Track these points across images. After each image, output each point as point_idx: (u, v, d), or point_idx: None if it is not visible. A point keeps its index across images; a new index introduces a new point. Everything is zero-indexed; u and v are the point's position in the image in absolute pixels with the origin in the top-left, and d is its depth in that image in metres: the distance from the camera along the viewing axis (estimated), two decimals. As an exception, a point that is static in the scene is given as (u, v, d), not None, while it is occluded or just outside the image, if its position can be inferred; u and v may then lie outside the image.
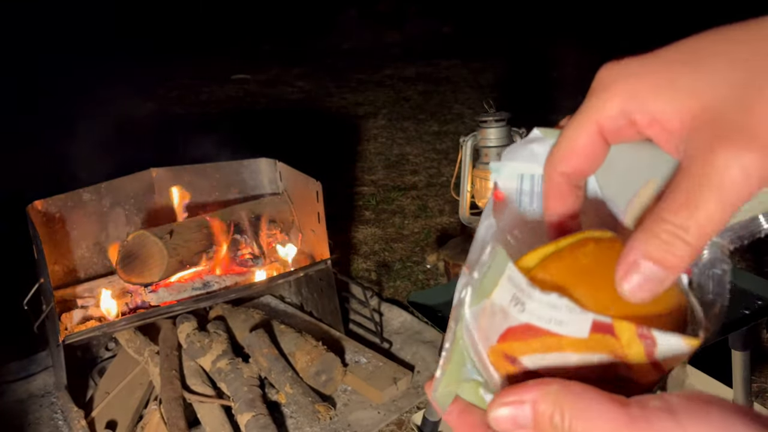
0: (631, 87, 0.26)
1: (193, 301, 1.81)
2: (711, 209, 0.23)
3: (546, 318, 0.31)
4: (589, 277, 0.30)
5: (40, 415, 1.77)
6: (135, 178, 2.10)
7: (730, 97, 0.23)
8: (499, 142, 2.09)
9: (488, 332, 0.33)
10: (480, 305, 0.33)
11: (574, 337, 0.31)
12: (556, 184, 0.30)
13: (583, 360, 0.31)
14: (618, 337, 0.31)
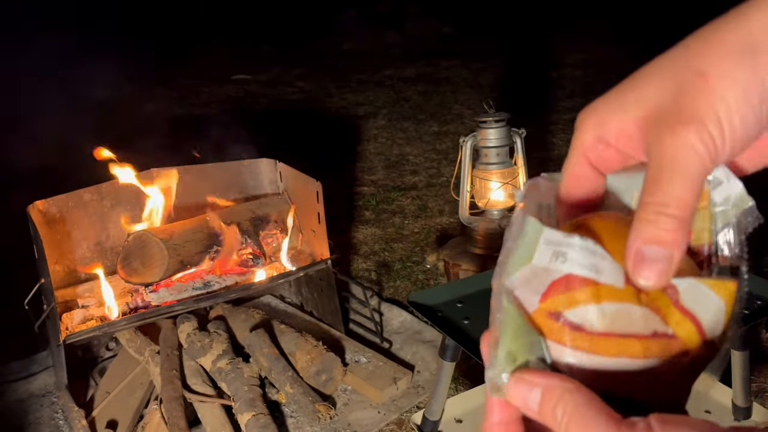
0: (598, 117, 0.33)
1: (194, 301, 1.82)
2: (676, 180, 0.28)
3: (586, 264, 0.33)
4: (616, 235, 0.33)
5: (41, 414, 1.77)
6: (135, 178, 2.10)
7: (666, 100, 0.29)
8: (499, 143, 2.09)
9: (530, 296, 0.34)
10: (520, 272, 0.35)
11: (612, 285, 0.33)
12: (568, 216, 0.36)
13: (622, 312, 0.33)
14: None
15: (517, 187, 2.15)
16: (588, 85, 4.85)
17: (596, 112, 0.33)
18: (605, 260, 0.34)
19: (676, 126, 0.28)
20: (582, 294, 0.33)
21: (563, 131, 3.88)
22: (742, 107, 0.28)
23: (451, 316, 1.17)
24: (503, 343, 0.35)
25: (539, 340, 0.34)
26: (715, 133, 0.28)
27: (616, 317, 0.33)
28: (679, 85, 0.29)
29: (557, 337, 0.34)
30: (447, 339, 1.30)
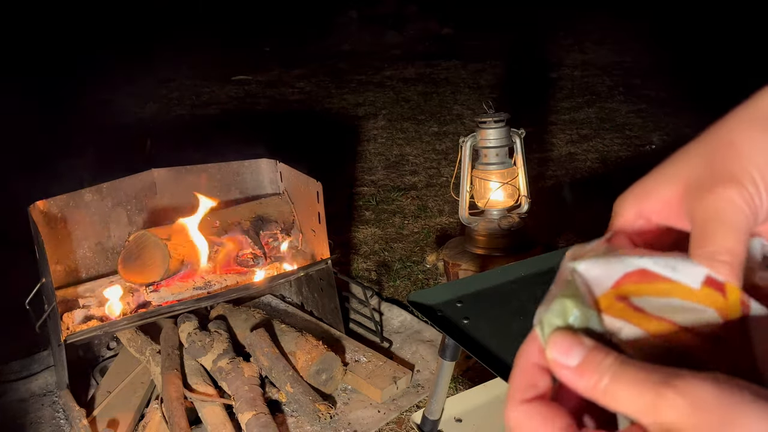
0: (636, 196, 0.36)
1: (194, 301, 1.82)
2: (724, 232, 0.31)
3: (662, 263, 0.34)
4: None
5: (42, 414, 1.77)
6: (136, 178, 2.11)
7: (702, 170, 0.32)
8: (499, 143, 2.10)
9: (602, 279, 0.35)
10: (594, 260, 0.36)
11: (686, 285, 0.34)
12: None
13: (688, 309, 0.33)
14: (726, 297, 0.34)
15: (517, 187, 2.16)
16: (587, 85, 4.86)
17: (634, 193, 0.36)
18: (685, 262, 0.35)
19: (716, 187, 0.31)
20: (652, 288, 0.34)
21: (562, 131, 3.88)
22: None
23: (450, 315, 1.18)
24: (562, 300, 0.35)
25: (594, 315, 0.34)
26: (752, 189, 0.30)
27: (681, 309, 0.33)
28: (712, 156, 0.32)
29: (617, 313, 0.35)
30: (447, 338, 1.31)
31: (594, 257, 0.36)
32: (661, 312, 0.33)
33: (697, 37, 5.62)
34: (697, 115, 3.82)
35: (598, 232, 0.43)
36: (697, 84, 4.43)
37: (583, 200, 2.87)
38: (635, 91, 4.55)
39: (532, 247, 2.18)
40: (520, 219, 2.18)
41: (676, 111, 4.03)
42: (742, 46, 5.18)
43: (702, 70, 4.76)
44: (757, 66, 4.48)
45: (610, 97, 4.55)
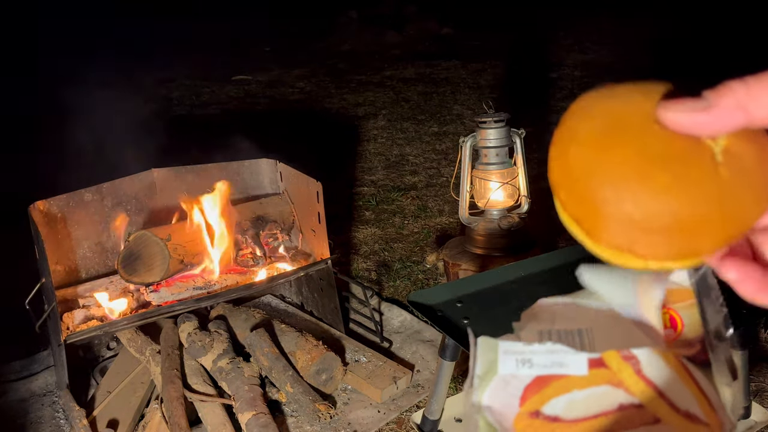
0: None
1: (194, 301, 1.82)
2: None
3: (550, 364, 0.37)
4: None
5: (42, 414, 1.77)
6: (136, 178, 2.11)
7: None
8: (499, 143, 2.10)
9: (510, 400, 0.38)
10: (491, 386, 0.38)
11: (576, 375, 0.38)
12: None
13: (590, 397, 0.37)
14: (609, 366, 0.37)
15: (517, 187, 2.16)
16: (587, 85, 4.85)
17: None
18: (567, 355, 0.38)
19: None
20: (552, 389, 0.37)
21: (563, 132, 3.88)
22: None
23: (450, 315, 1.18)
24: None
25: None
26: None
27: (585, 402, 0.36)
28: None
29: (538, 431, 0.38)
30: (447, 338, 1.31)
31: (486, 380, 0.40)
32: (573, 412, 0.37)
33: (697, 36, 5.61)
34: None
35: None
36: (698, 84, 4.43)
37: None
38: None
39: (532, 247, 2.18)
40: (520, 219, 2.18)
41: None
42: (742, 45, 5.17)
43: (702, 70, 4.76)
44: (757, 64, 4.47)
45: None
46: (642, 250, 0.32)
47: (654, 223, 0.31)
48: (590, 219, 0.33)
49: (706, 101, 0.31)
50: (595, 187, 0.32)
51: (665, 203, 0.31)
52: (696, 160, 0.31)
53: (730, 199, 0.31)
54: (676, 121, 0.31)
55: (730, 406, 0.39)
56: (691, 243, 0.31)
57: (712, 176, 0.31)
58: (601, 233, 0.33)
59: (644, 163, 0.31)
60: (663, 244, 0.31)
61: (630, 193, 0.31)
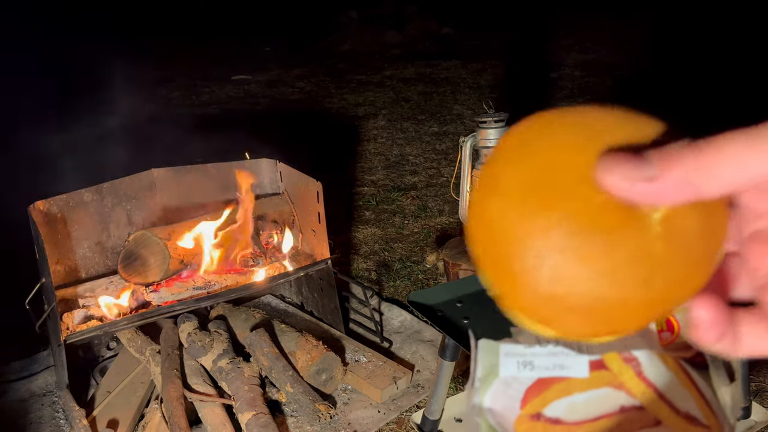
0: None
1: (194, 301, 1.82)
2: None
3: (551, 366, 0.37)
4: None
5: (42, 414, 1.77)
6: (136, 178, 2.10)
7: None
8: (499, 143, 2.10)
9: (511, 402, 0.38)
10: (492, 388, 0.38)
11: (578, 378, 0.39)
12: None
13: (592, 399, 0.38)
14: (610, 368, 0.37)
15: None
16: (587, 85, 4.86)
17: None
18: (568, 356, 0.39)
19: None
20: (553, 392, 0.37)
21: (563, 131, 3.88)
22: None
23: (450, 315, 1.18)
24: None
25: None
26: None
27: (586, 404, 0.37)
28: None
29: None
30: (447, 338, 1.31)
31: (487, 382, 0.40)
32: (574, 414, 0.37)
33: (698, 36, 5.61)
34: (699, 114, 3.81)
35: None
36: (699, 83, 4.43)
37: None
38: (636, 90, 4.55)
39: (532, 247, 2.18)
40: (520, 219, 2.17)
41: (677, 110, 4.02)
42: (742, 43, 5.17)
43: (703, 70, 4.76)
44: (757, 63, 4.48)
45: (611, 97, 4.55)
46: (557, 327, 0.30)
47: (573, 303, 0.28)
48: (505, 284, 0.30)
49: (650, 168, 0.27)
50: (513, 253, 0.29)
51: (587, 284, 0.28)
52: (629, 233, 0.28)
53: (661, 279, 0.28)
54: (614, 187, 0.27)
55: (728, 408, 0.39)
56: (610, 325, 0.29)
57: (645, 253, 0.28)
58: (515, 301, 0.30)
59: (570, 235, 0.28)
60: (580, 323, 0.29)
61: (550, 269, 0.28)
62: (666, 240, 0.28)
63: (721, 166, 0.27)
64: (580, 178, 0.28)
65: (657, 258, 0.28)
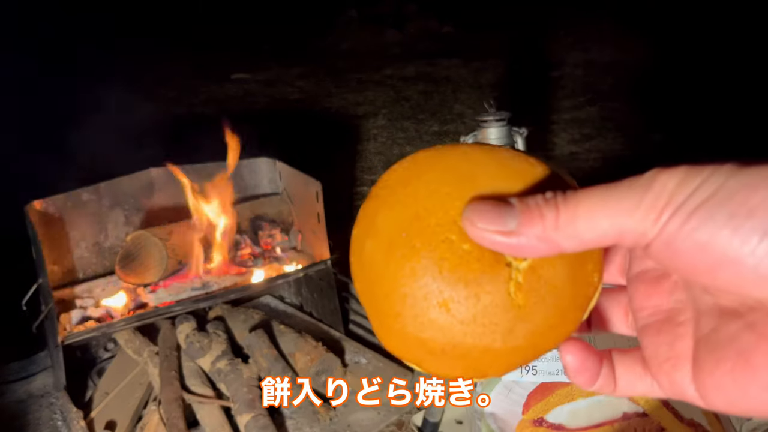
0: None
1: (193, 302, 1.81)
2: None
3: (554, 371, 0.39)
4: None
5: (39, 415, 1.76)
6: (134, 177, 2.09)
7: None
8: (500, 142, 2.09)
9: (512, 407, 0.42)
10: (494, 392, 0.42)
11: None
12: None
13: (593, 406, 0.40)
14: None
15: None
16: (589, 84, 4.84)
17: None
18: None
19: None
20: (556, 397, 0.40)
21: (564, 131, 3.87)
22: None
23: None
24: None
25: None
26: None
27: (588, 410, 0.39)
28: None
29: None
30: (447, 340, 1.29)
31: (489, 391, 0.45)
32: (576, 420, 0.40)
33: (698, 35, 5.60)
34: (699, 113, 3.80)
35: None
36: (699, 83, 4.42)
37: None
38: (638, 89, 4.54)
39: (533, 247, 2.17)
40: (521, 219, 2.16)
41: (678, 109, 4.01)
42: (742, 43, 5.16)
43: (704, 69, 4.75)
44: (758, 63, 4.47)
45: (613, 96, 4.54)
46: (426, 367, 0.30)
47: (437, 348, 0.29)
48: (378, 323, 0.31)
49: (511, 222, 0.28)
50: (384, 296, 0.30)
51: (449, 331, 0.28)
52: (492, 282, 0.28)
53: (523, 328, 0.28)
54: (476, 238, 0.28)
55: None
56: (475, 370, 0.29)
57: (507, 303, 0.28)
58: (387, 340, 0.31)
59: (433, 282, 0.28)
60: (447, 367, 0.29)
61: (414, 315, 0.29)
62: (529, 290, 0.28)
63: (575, 224, 0.28)
64: (449, 226, 0.28)
65: (519, 308, 0.28)
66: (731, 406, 0.28)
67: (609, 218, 0.27)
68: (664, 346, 0.30)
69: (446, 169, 0.30)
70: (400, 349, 0.31)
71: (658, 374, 0.31)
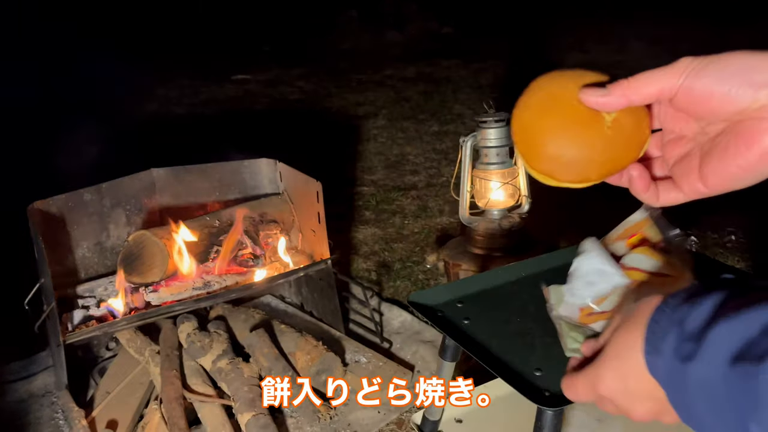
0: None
1: (194, 301, 1.82)
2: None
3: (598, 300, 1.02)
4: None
5: (41, 414, 1.77)
6: (135, 178, 2.10)
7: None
8: (499, 143, 2.09)
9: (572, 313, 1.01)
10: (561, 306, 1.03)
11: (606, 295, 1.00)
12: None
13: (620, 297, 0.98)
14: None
15: (517, 187, 2.15)
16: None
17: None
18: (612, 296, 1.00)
19: None
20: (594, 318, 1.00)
21: (563, 131, 3.87)
22: None
23: (451, 316, 1.17)
24: (566, 337, 0.98)
25: (584, 330, 0.98)
26: None
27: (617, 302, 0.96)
28: None
29: (593, 319, 0.98)
30: (447, 339, 1.30)
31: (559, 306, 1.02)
32: (613, 306, 0.97)
33: (699, 35, 5.60)
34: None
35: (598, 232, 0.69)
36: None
37: (584, 199, 2.86)
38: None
39: (532, 247, 2.18)
40: (521, 219, 2.17)
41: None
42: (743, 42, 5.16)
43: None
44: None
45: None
46: (557, 175, 0.53)
47: (563, 160, 0.52)
48: (531, 156, 0.54)
49: (606, 90, 0.51)
50: (536, 136, 0.53)
51: (572, 150, 0.52)
52: (594, 125, 0.52)
53: (610, 150, 0.52)
54: (587, 100, 0.52)
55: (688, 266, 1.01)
56: (583, 173, 0.53)
57: (601, 136, 0.51)
58: (536, 164, 0.54)
59: (563, 125, 0.52)
60: (568, 172, 0.52)
61: (552, 142, 0.52)
62: (614, 129, 0.52)
63: (640, 85, 0.51)
64: (571, 98, 0.52)
65: (609, 138, 0.52)
66: (723, 183, 0.51)
67: (654, 81, 0.51)
68: (684, 164, 0.54)
69: (564, 77, 0.54)
70: (543, 167, 0.53)
71: (681, 184, 0.54)
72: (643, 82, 0.50)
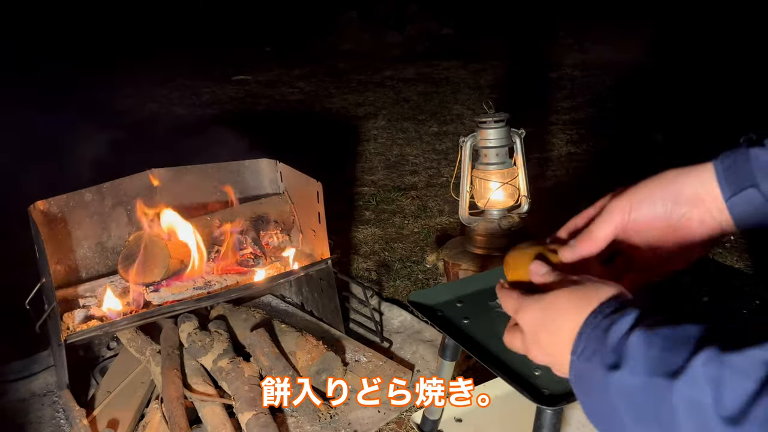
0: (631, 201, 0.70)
1: (195, 301, 1.82)
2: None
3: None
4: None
5: (42, 414, 1.77)
6: (136, 178, 2.10)
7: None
8: (498, 143, 2.10)
9: None
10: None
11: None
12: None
13: None
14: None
15: (517, 187, 2.16)
16: (587, 85, 4.86)
17: (628, 199, 0.67)
18: None
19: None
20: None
21: (562, 131, 3.88)
22: None
23: (451, 315, 1.18)
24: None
25: None
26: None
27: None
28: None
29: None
30: (447, 338, 1.31)
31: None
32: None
33: (698, 35, 5.61)
34: (698, 112, 3.81)
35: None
36: (699, 82, 4.43)
37: (584, 200, 2.87)
38: (636, 90, 4.55)
39: (532, 247, 2.18)
40: (521, 219, 2.18)
41: (677, 109, 4.03)
42: (743, 42, 5.17)
43: (703, 69, 4.76)
44: (757, 63, 4.48)
45: (611, 96, 4.55)
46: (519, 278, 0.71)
47: (520, 275, 0.70)
48: (510, 276, 0.72)
49: (545, 269, 0.66)
50: (514, 272, 0.71)
51: (523, 274, 0.69)
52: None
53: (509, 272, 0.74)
54: (565, 256, 0.68)
55: None
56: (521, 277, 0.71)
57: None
58: (511, 277, 0.72)
59: (520, 274, 0.70)
60: (515, 277, 0.72)
61: (517, 273, 0.71)
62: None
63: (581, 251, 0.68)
64: (527, 263, 0.69)
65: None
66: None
67: (603, 231, 0.68)
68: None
69: (526, 251, 0.71)
70: (514, 277, 0.71)
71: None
72: (596, 234, 0.66)
